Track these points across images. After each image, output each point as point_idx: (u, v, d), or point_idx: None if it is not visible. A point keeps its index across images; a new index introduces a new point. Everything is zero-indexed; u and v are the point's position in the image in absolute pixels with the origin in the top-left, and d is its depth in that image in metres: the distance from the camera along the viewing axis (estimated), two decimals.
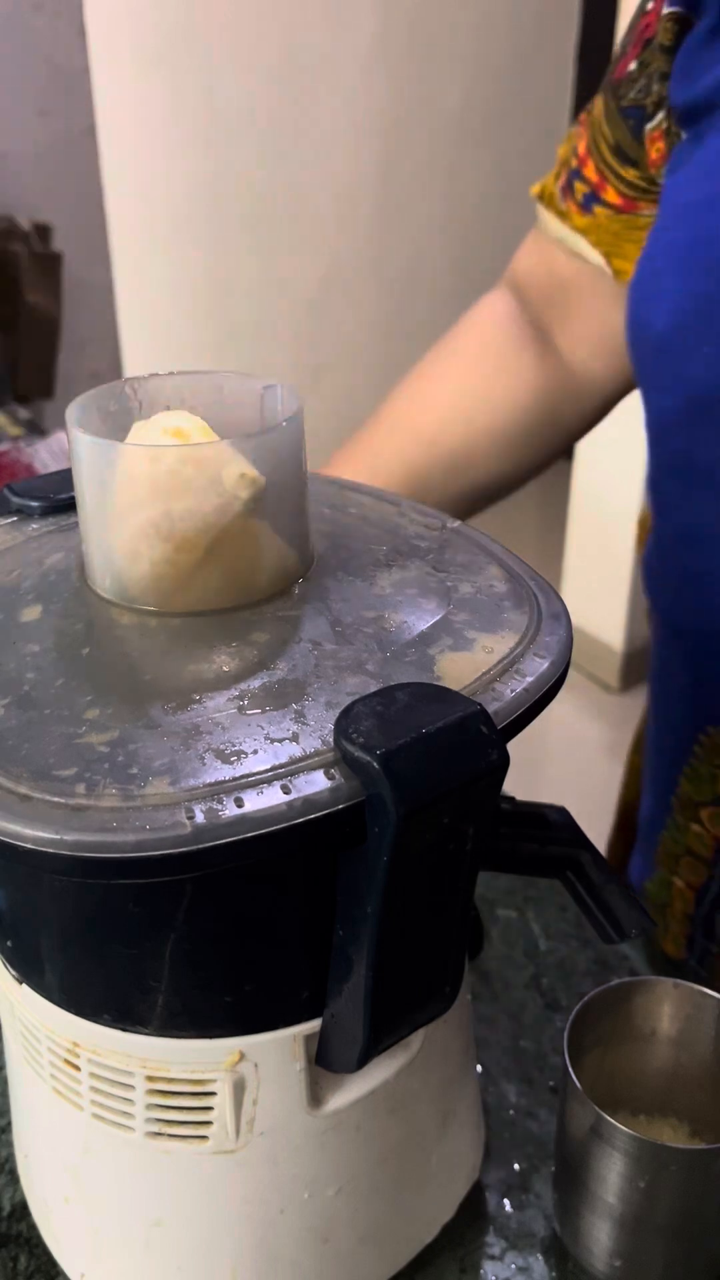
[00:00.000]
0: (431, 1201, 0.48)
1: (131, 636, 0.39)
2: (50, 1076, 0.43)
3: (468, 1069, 0.49)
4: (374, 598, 0.41)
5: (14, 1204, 0.51)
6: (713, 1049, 0.49)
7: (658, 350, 0.56)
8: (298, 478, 0.41)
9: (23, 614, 0.41)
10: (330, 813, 0.32)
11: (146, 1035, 0.40)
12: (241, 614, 0.39)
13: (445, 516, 0.48)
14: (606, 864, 0.44)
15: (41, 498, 0.49)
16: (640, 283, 0.58)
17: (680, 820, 0.66)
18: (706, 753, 0.62)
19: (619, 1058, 0.50)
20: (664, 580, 0.64)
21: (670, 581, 0.63)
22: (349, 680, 0.36)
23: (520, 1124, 0.55)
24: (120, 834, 0.31)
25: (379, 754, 0.31)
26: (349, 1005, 0.38)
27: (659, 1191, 0.44)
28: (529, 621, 0.40)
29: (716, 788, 0.62)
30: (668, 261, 0.56)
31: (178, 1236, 0.43)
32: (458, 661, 0.38)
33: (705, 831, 0.64)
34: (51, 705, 0.36)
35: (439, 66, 2.85)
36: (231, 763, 0.33)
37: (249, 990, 0.39)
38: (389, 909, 0.34)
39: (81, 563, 0.42)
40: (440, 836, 0.34)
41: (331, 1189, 0.43)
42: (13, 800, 0.32)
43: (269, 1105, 0.41)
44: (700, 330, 0.53)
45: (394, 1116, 0.44)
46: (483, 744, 0.33)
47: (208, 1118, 0.41)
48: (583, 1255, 0.48)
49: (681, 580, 0.61)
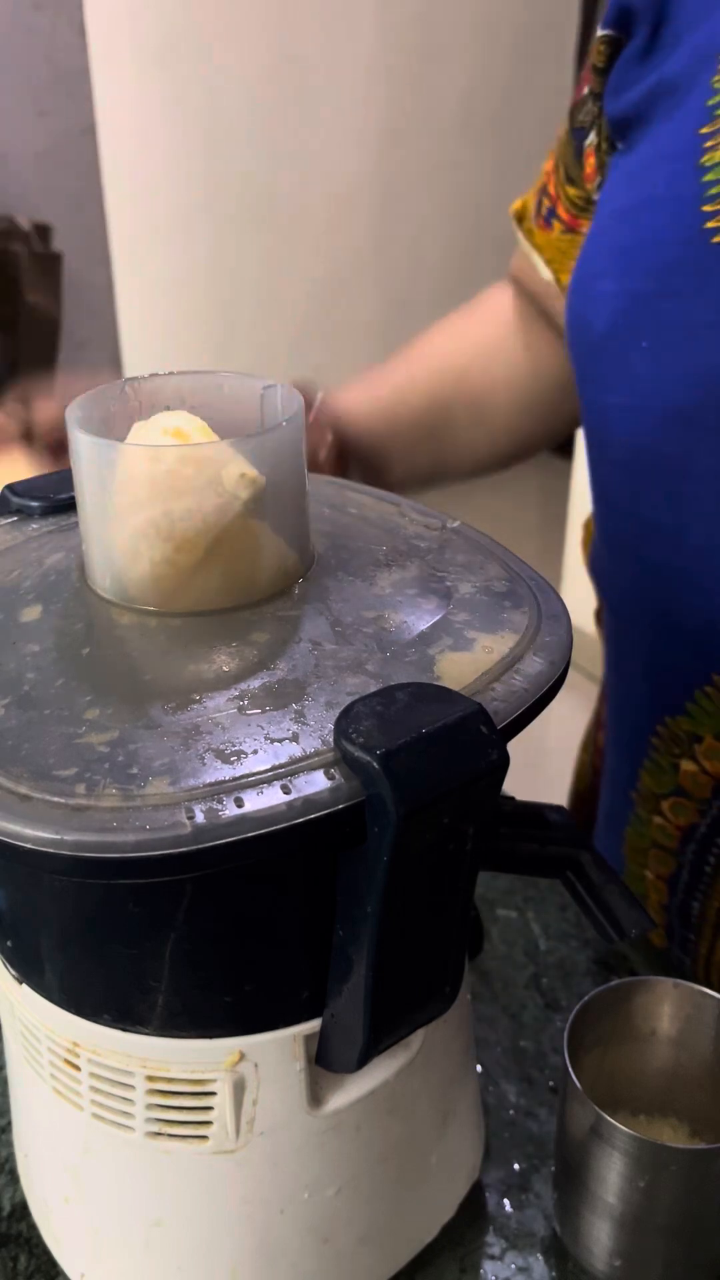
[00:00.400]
0: (431, 1201, 0.48)
1: (131, 636, 0.39)
2: (50, 1076, 0.43)
3: (468, 1069, 0.49)
4: (374, 598, 0.41)
5: (14, 1204, 0.51)
6: (713, 1049, 0.49)
7: (598, 350, 0.58)
8: (298, 478, 0.41)
9: (23, 614, 0.41)
10: (330, 813, 0.32)
11: (146, 1035, 0.40)
12: (241, 614, 0.39)
13: (445, 516, 0.48)
14: (606, 864, 0.44)
15: (41, 498, 0.49)
16: (579, 285, 0.60)
17: (643, 814, 0.67)
18: (665, 744, 0.63)
19: (619, 1058, 0.50)
20: (614, 575, 0.66)
21: (621, 576, 0.64)
22: (349, 680, 0.36)
23: (520, 1124, 0.55)
24: (120, 834, 0.31)
25: (379, 754, 0.31)
26: (349, 1005, 0.38)
27: (659, 1191, 0.44)
28: (529, 621, 0.40)
29: (676, 778, 0.63)
30: (606, 264, 0.58)
31: (178, 1236, 0.43)
32: (458, 661, 0.38)
33: (668, 823, 0.65)
34: (51, 705, 0.36)
35: (439, 67, 2.85)
36: (231, 763, 0.33)
37: (249, 990, 0.39)
38: (389, 909, 0.34)
39: (81, 563, 0.42)
40: (440, 836, 0.34)
41: (331, 1189, 0.43)
42: (13, 800, 0.32)
43: (269, 1105, 0.41)
44: (639, 329, 0.55)
45: (394, 1116, 0.44)
46: (483, 744, 0.33)
47: (208, 1118, 0.41)
48: (583, 1255, 0.48)
49: (633, 573, 0.62)
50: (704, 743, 0.60)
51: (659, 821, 0.65)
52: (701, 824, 0.62)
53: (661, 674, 0.62)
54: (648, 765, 0.65)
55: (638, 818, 0.67)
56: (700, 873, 0.64)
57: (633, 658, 0.66)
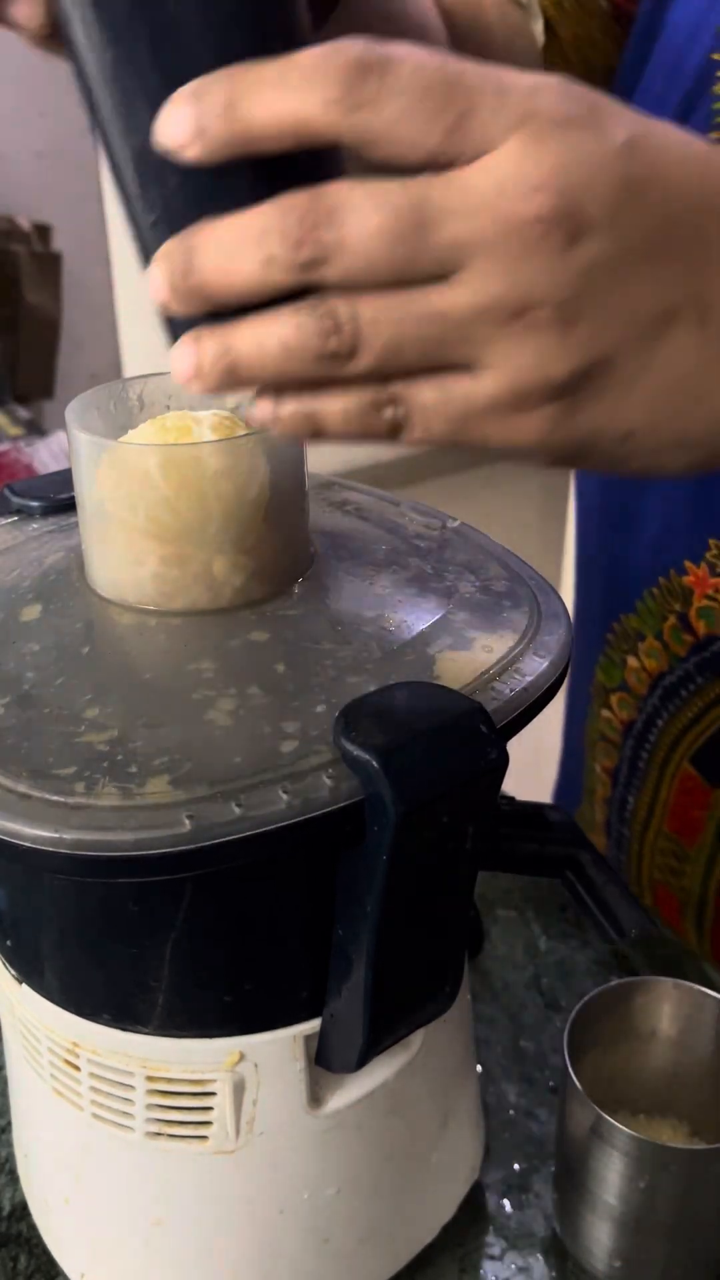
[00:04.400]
0: (431, 1201, 0.48)
1: (131, 636, 0.39)
2: (50, 1076, 0.43)
3: (468, 1069, 0.49)
4: (374, 597, 0.41)
5: (14, 1204, 0.51)
6: (713, 1049, 0.49)
7: None
8: (298, 478, 0.41)
9: (23, 614, 0.41)
10: (329, 812, 0.32)
11: (146, 1035, 0.40)
12: (241, 614, 0.39)
13: (445, 516, 0.48)
14: (606, 864, 0.44)
15: (41, 498, 0.49)
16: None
17: (595, 707, 0.69)
18: (617, 639, 0.65)
19: (619, 1058, 0.50)
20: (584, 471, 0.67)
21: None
22: (348, 679, 0.36)
23: (520, 1124, 0.55)
24: (119, 833, 0.31)
25: (378, 753, 0.31)
26: (349, 1005, 0.38)
27: (659, 1191, 0.44)
28: (529, 621, 0.40)
29: (623, 674, 0.65)
30: None
31: (178, 1237, 0.43)
32: (457, 661, 0.37)
33: (614, 716, 0.67)
34: (51, 704, 0.36)
35: None
36: (230, 762, 0.33)
37: (249, 990, 0.39)
38: (388, 908, 0.34)
39: (81, 562, 0.42)
40: (439, 836, 0.34)
41: (331, 1189, 0.43)
42: (12, 799, 0.32)
43: (269, 1105, 0.41)
44: None
45: (394, 1116, 0.44)
46: (482, 743, 0.33)
47: (207, 1118, 0.41)
48: (583, 1255, 0.48)
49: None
50: (646, 641, 0.63)
51: (606, 715, 0.68)
52: (639, 719, 0.65)
53: (618, 571, 0.65)
54: (601, 661, 0.67)
55: (592, 711, 0.70)
56: (635, 768, 0.66)
57: (597, 552, 0.69)
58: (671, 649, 0.61)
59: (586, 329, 0.31)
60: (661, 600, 0.61)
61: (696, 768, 0.61)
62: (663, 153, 0.31)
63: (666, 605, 0.61)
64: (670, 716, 0.62)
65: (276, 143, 0.29)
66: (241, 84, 0.29)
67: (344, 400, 0.32)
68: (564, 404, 0.32)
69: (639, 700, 0.64)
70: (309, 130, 0.29)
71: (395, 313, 0.30)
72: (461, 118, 0.29)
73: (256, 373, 0.32)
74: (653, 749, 0.64)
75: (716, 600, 0.58)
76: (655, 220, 0.31)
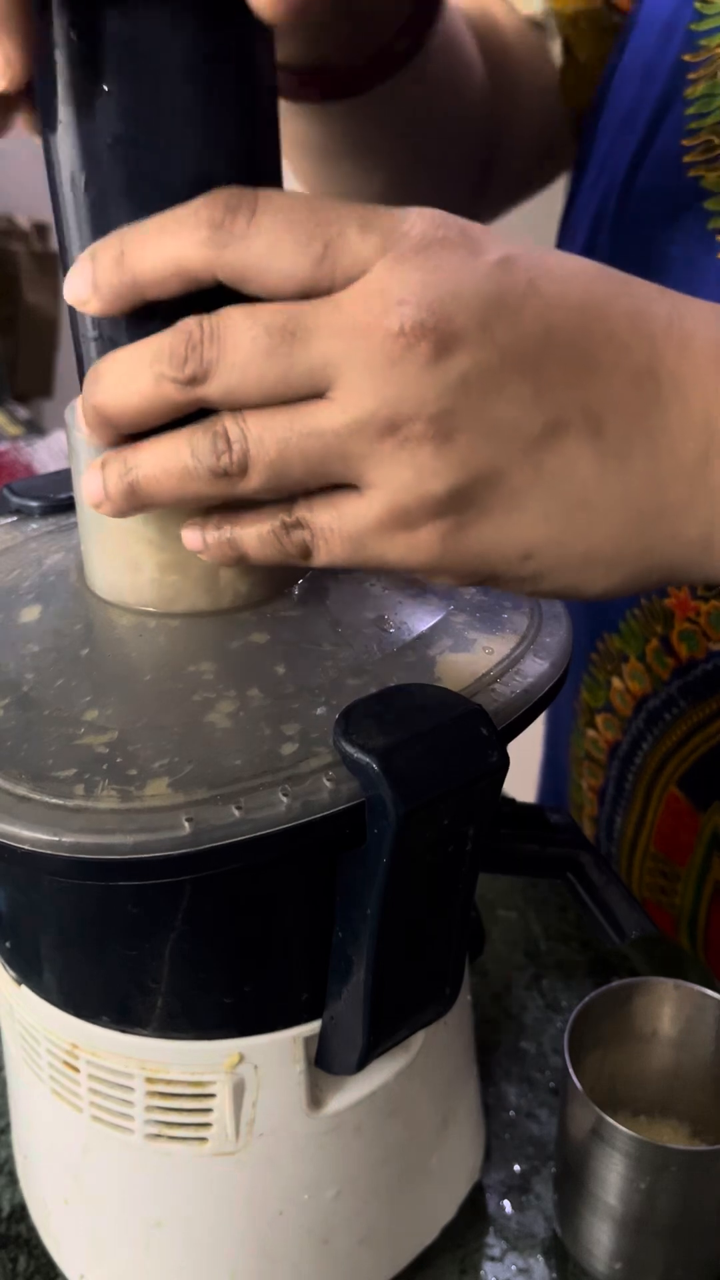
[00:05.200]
0: (431, 1203, 0.48)
1: (131, 637, 0.39)
2: (49, 1078, 0.43)
3: (468, 1070, 0.49)
4: (374, 598, 0.41)
5: (13, 1205, 0.51)
6: (713, 1050, 0.49)
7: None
8: None
9: (23, 614, 0.40)
10: (330, 814, 0.32)
11: (146, 1037, 0.40)
12: (241, 614, 0.39)
13: None
14: (607, 865, 0.44)
15: (41, 498, 0.49)
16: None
17: (581, 725, 0.69)
18: (601, 660, 0.65)
19: (619, 1059, 0.50)
20: None
21: None
22: (349, 681, 0.36)
23: (520, 1125, 0.55)
24: (119, 836, 0.31)
25: (379, 756, 0.31)
26: (349, 1007, 0.38)
27: (660, 1193, 0.44)
28: (529, 622, 0.40)
29: (608, 695, 0.65)
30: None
31: (177, 1238, 0.43)
32: (457, 662, 0.37)
33: (599, 736, 0.67)
34: (50, 706, 0.35)
35: None
36: (231, 764, 0.33)
37: (248, 992, 0.39)
38: (389, 910, 0.34)
39: (81, 563, 0.42)
40: (440, 838, 0.34)
41: (331, 1190, 0.43)
42: (11, 801, 0.32)
43: (268, 1107, 0.41)
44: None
45: (394, 1118, 0.44)
46: (482, 745, 0.33)
47: (207, 1119, 0.41)
48: (583, 1256, 0.48)
49: None
50: (629, 662, 0.62)
51: (592, 735, 0.68)
52: (624, 741, 0.64)
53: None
54: (586, 680, 0.67)
55: (578, 729, 0.70)
56: (621, 789, 0.66)
57: None
58: (654, 671, 0.61)
59: (465, 442, 0.31)
60: (644, 622, 0.60)
61: (683, 791, 0.61)
62: (539, 268, 0.32)
63: (649, 627, 0.60)
64: (655, 740, 0.62)
65: (162, 287, 0.31)
66: (128, 239, 0.32)
67: (257, 525, 0.34)
68: (450, 521, 0.32)
69: (624, 722, 0.64)
70: (187, 271, 0.31)
71: (280, 430, 0.31)
72: (329, 246, 0.30)
73: (157, 492, 0.33)
74: (639, 771, 0.64)
75: (698, 624, 0.57)
76: (532, 331, 0.31)
